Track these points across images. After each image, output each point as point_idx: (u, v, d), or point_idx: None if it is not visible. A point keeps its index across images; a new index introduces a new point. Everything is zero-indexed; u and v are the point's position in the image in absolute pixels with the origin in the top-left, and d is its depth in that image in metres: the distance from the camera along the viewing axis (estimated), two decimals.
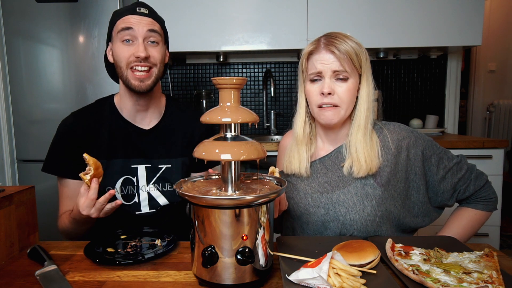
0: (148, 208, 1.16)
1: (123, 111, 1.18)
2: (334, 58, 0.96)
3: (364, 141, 1.00)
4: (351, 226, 1.00)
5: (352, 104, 1.02)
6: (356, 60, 0.97)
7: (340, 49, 0.96)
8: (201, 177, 0.87)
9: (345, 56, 0.96)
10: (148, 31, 1.08)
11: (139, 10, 1.08)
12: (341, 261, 0.70)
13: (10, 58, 2.08)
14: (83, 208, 0.94)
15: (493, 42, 3.98)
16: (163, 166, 1.17)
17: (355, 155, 1.00)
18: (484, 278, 0.70)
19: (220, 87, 0.71)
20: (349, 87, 0.98)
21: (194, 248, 0.72)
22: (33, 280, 0.76)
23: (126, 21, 1.07)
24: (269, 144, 2.09)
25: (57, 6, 2.03)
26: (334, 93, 0.98)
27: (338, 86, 0.98)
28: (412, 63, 2.70)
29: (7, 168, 2.14)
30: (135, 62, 1.07)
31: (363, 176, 1.00)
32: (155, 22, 1.10)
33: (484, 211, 1.07)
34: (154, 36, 1.09)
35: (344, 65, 0.96)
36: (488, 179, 1.08)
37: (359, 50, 0.98)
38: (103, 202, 0.95)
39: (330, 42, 0.97)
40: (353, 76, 0.99)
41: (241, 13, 2.28)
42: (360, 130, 1.01)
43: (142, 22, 1.08)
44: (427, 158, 1.04)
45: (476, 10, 2.24)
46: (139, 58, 1.06)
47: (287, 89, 2.72)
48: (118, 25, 1.08)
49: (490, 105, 4.03)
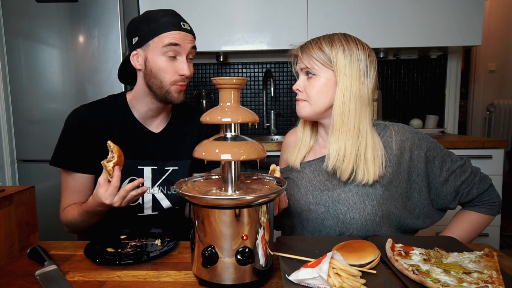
0: (151, 210, 1.16)
1: (135, 113, 1.17)
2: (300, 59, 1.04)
3: (346, 143, 0.98)
4: (351, 225, 0.99)
5: (323, 98, 1.01)
6: (320, 57, 1.00)
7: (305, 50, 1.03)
8: (201, 177, 0.87)
9: (307, 54, 1.02)
10: (191, 48, 1.09)
11: (184, 26, 1.08)
12: (341, 261, 0.70)
13: (10, 58, 2.08)
14: (106, 197, 0.93)
15: (493, 42, 3.98)
16: (169, 168, 1.18)
17: (339, 162, 0.99)
18: (484, 278, 0.70)
19: (220, 87, 0.71)
20: (315, 83, 1.01)
21: (194, 248, 0.72)
22: (33, 280, 0.76)
23: (174, 37, 1.06)
24: (269, 144, 2.09)
25: (57, 6, 2.03)
26: (303, 90, 1.04)
27: (307, 82, 1.03)
28: (412, 63, 2.70)
29: (7, 168, 2.14)
30: (180, 80, 1.09)
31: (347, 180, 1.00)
32: (193, 39, 1.12)
33: (487, 215, 1.06)
34: (193, 53, 1.11)
35: (305, 62, 1.02)
36: (492, 182, 1.07)
37: (329, 50, 0.99)
38: (129, 190, 0.94)
39: (303, 45, 1.05)
40: (322, 72, 1.00)
41: (241, 13, 2.28)
42: (334, 130, 0.99)
43: (187, 39, 1.08)
44: (430, 160, 1.03)
45: (476, 10, 2.24)
46: (184, 76, 1.08)
47: (287, 89, 2.72)
48: (164, 39, 1.05)
49: (490, 105, 4.03)
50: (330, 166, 1.00)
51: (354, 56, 0.99)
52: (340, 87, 0.98)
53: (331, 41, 1.01)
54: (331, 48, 0.99)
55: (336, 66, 0.99)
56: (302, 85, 1.04)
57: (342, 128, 0.98)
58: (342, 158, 0.98)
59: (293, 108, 2.73)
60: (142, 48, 1.08)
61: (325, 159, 1.03)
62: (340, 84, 0.98)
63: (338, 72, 0.99)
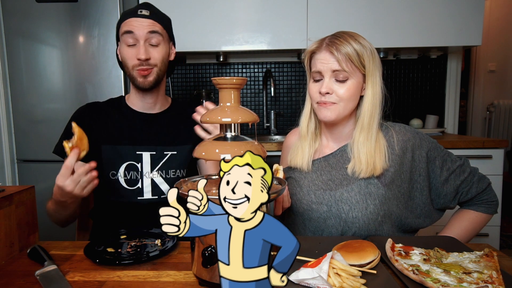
0: (151, 194, 1.18)
1: (132, 106, 1.25)
2: (333, 58, 0.98)
3: (367, 141, 1.01)
4: (353, 224, 1.00)
5: (353, 102, 1.02)
6: (357, 61, 0.98)
7: (340, 50, 0.97)
8: (201, 177, 0.87)
9: (344, 57, 0.97)
10: (148, 33, 1.14)
11: (140, 13, 1.14)
12: (341, 261, 0.70)
13: (10, 58, 2.08)
14: (58, 178, 0.92)
15: (493, 42, 3.98)
16: (168, 153, 1.21)
17: (357, 156, 1.01)
18: (484, 278, 0.70)
19: (220, 87, 0.71)
20: (349, 87, 0.99)
21: (194, 248, 0.72)
22: (33, 280, 0.76)
23: (128, 25, 1.14)
24: (269, 144, 2.09)
25: (57, 6, 2.03)
26: (333, 92, 1.00)
27: (337, 86, 0.99)
28: (412, 63, 2.70)
29: (7, 168, 2.14)
30: (138, 65, 1.14)
31: (365, 177, 1.01)
32: (155, 23, 1.15)
33: (485, 214, 1.07)
34: (154, 37, 1.15)
35: (343, 65, 0.97)
36: (490, 182, 1.08)
37: (362, 51, 0.98)
38: (81, 173, 0.92)
39: (332, 42, 0.99)
40: (354, 76, 0.99)
41: (241, 13, 2.28)
42: (364, 130, 1.01)
43: (143, 24, 1.13)
44: (431, 160, 1.05)
45: (476, 10, 2.24)
46: (141, 60, 1.13)
47: (287, 89, 2.72)
48: (122, 28, 1.15)
49: (490, 105, 4.03)
50: (358, 171, 1.00)
51: (375, 56, 1.01)
52: (370, 90, 1.01)
53: (355, 38, 0.99)
54: (363, 52, 0.98)
55: (367, 70, 1.00)
56: (332, 88, 1.00)
57: (369, 129, 1.01)
58: (368, 161, 1.00)
59: (293, 108, 2.73)
60: (119, 43, 1.21)
61: (352, 163, 1.02)
62: (370, 86, 1.00)
63: (370, 76, 1.00)
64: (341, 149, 1.08)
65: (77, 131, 0.92)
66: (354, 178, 1.03)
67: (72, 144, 0.91)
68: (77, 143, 0.92)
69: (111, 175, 1.17)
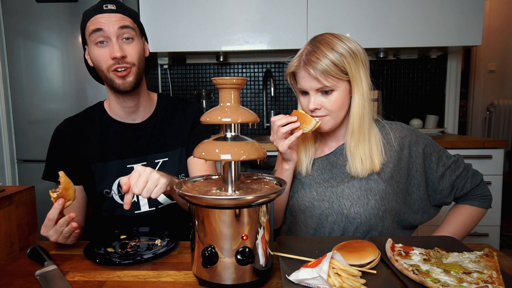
0: (148, 206, 1.16)
1: (114, 115, 1.16)
2: (312, 78, 0.98)
3: (360, 143, 1.02)
4: (355, 220, 1.01)
5: (344, 110, 1.03)
6: (336, 72, 0.96)
7: (317, 67, 0.96)
8: (201, 177, 0.87)
9: (322, 74, 0.96)
10: (119, 28, 1.04)
11: (106, 7, 1.03)
12: (341, 261, 0.70)
13: (10, 58, 2.08)
14: (42, 228, 0.88)
15: (493, 42, 3.98)
16: (159, 161, 1.17)
17: (351, 159, 1.04)
18: (484, 278, 0.70)
19: (220, 87, 0.71)
20: (335, 98, 0.99)
21: (194, 248, 0.72)
22: (33, 280, 0.76)
23: (95, 22, 1.03)
24: (269, 144, 2.08)
25: (57, 6, 2.02)
26: (321, 107, 1.01)
27: (324, 99, 1.00)
28: (412, 63, 2.70)
29: (7, 168, 2.14)
30: (114, 64, 1.04)
31: (364, 176, 1.02)
32: (125, 17, 1.06)
33: (480, 208, 1.10)
34: (127, 32, 1.06)
35: (323, 82, 0.97)
36: (485, 178, 1.11)
37: (340, 60, 0.96)
38: (62, 224, 0.87)
39: (308, 60, 0.97)
40: (339, 86, 0.99)
41: (241, 13, 2.28)
42: (354, 134, 1.03)
43: (112, 20, 1.03)
44: (428, 156, 1.07)
45: (476, 10, 2.24)
46: (116, 58, 1.04)
47: (287, 89, 2.72)
48: (89, 27, 1.04)
49: (490, 105, 4.03)
50: (355, 172, 1.03)
51: (357, 56, 0.99)
52: (356, 94, 1.00)
53: (331, 47, 0.97)
54: (341, 61, 0.96)
55: (351, 75, 0.98)
56: (320, 103, 1.00)
57: (360, 131, 1.02)
58: (363, 162, 1.02)
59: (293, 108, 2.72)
60: (86, 45, 1.10)
61: (348, 165, 1.04)
62: (356, 91, 1.00)
63: (355, 80, 0.99)
64: (340, 147, 1.10)
65: (63, 180, 0.87)
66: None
67: (57, 195, 0.87)
68: (62, 193, 0.87)
69: (105, 193, 1.14)
